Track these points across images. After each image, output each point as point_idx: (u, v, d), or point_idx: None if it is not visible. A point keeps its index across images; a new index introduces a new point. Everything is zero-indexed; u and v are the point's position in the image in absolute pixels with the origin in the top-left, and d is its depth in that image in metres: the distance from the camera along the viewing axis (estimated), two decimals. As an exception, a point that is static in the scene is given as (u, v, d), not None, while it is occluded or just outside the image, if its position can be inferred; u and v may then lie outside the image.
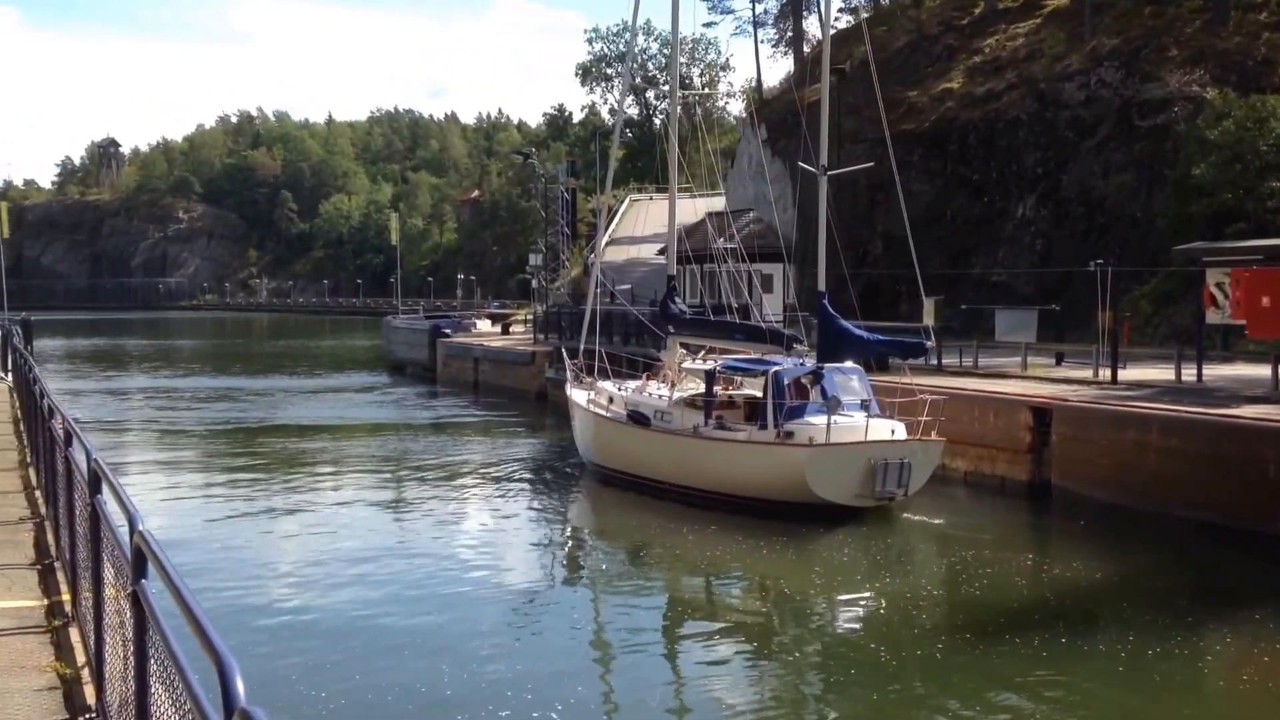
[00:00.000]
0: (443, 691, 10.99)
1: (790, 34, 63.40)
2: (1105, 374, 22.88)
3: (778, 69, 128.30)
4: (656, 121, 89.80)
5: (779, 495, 18.90)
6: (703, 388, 21.82)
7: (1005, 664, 12.00)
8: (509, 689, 10.93)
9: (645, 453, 21.56)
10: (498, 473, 24.65)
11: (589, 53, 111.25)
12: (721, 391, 21.69)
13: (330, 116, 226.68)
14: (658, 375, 24.49)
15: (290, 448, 29.31)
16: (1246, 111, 30.02)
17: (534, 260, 55.86)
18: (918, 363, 24.16)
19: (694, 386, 22.56)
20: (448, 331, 52.73)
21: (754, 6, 66.03)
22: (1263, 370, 21.70)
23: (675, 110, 27.47)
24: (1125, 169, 34.84)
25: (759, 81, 65.46)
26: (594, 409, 23.23)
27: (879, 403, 19.97)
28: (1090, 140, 36.32)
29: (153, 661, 4.07)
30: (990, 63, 42.96)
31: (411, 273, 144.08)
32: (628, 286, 43.07)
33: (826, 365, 20.35)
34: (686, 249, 30.79)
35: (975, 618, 13.87)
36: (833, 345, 21.09)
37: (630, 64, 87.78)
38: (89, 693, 6.23)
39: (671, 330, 24.68)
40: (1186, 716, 11.15)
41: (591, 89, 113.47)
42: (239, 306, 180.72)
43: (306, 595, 14.66)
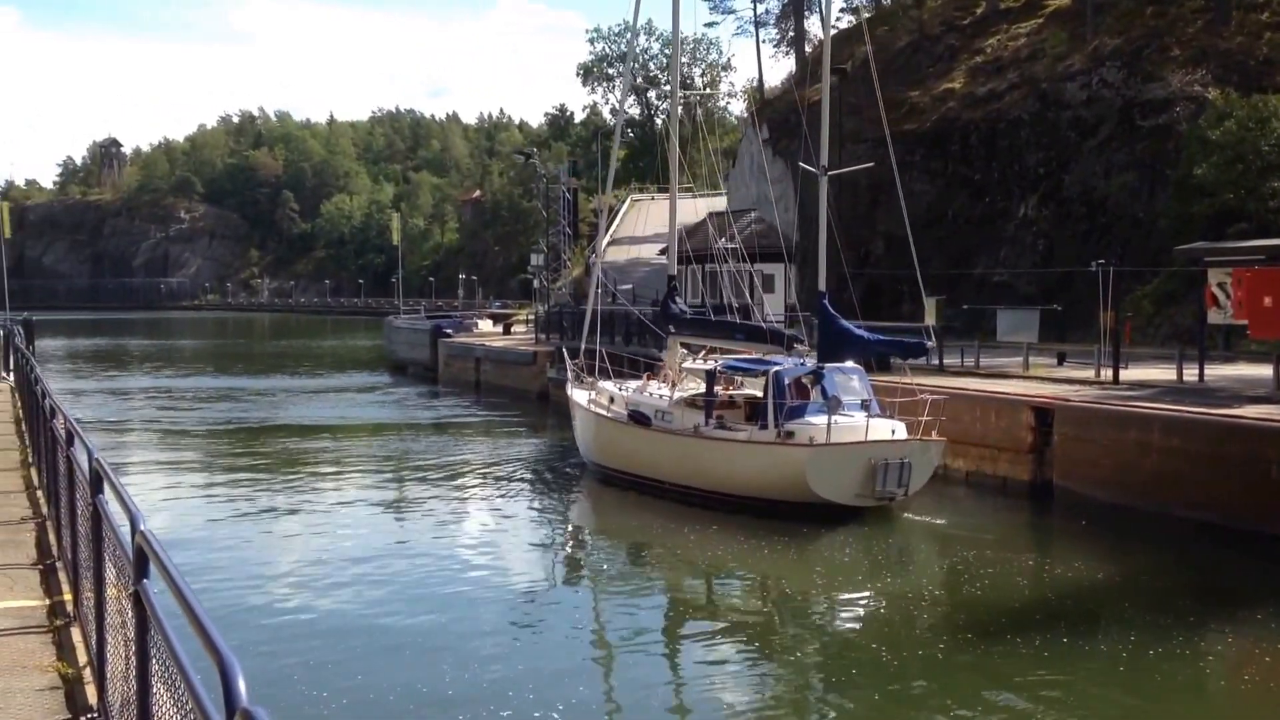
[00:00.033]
0: (444, 691, 11.00)
1: (792, 34, 63.42)
2: (1107, 374, 22.87)
3: (779, 69, 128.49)
4: (658, 121, 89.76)
5: (779, 495, 18.91)
6: (703, 388, 21.83)
7: (1007, 664, 12.00)
8: (510, 689, 10.94)
9: (646, 452, 21.57)
10: (499, 472, 24.65)
11: (590, 53, 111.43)
12: (722, 391, 21.70)
13: (332, 116, 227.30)
14: (658, 375, 24.50)
15: (292, 448, 29.33)
16: (1248, 111, 30.01)
17: (535, 260, 55.87)
18: (919, 363, 24.15)
19: (695, 386, 22.56)
20: (449, 331, 52.72)
21: (755, 6, 66.17)
22: (1264, 370, 21.69)
23: (676, 110, 27.48)
24: (1127, 169, 34.83)
25: (760, 81, 65.59)
26: (595, 409, 23.23)
27: (879, 403, 19.97)
28: (1092, 140, 36.31)
29: (154, 661, 4.07)
30: (992, 63, 42.94)
31: (413, 273, 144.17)
32: (629, 286, 43.11)
33: (827, 365, 20.35)
34: (687, 249, 30.77)
35: (977, 618, 13.87)
36: (833, 345, 21.09)
37: (631, 64, 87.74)
38: (91, 692, 6.24)
39: (672, 330, 24.69)
40: (1188, 717, 11.16)
41: (593, 89, 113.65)
42: (240, 306, 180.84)
43: (308, 595, 14.66)
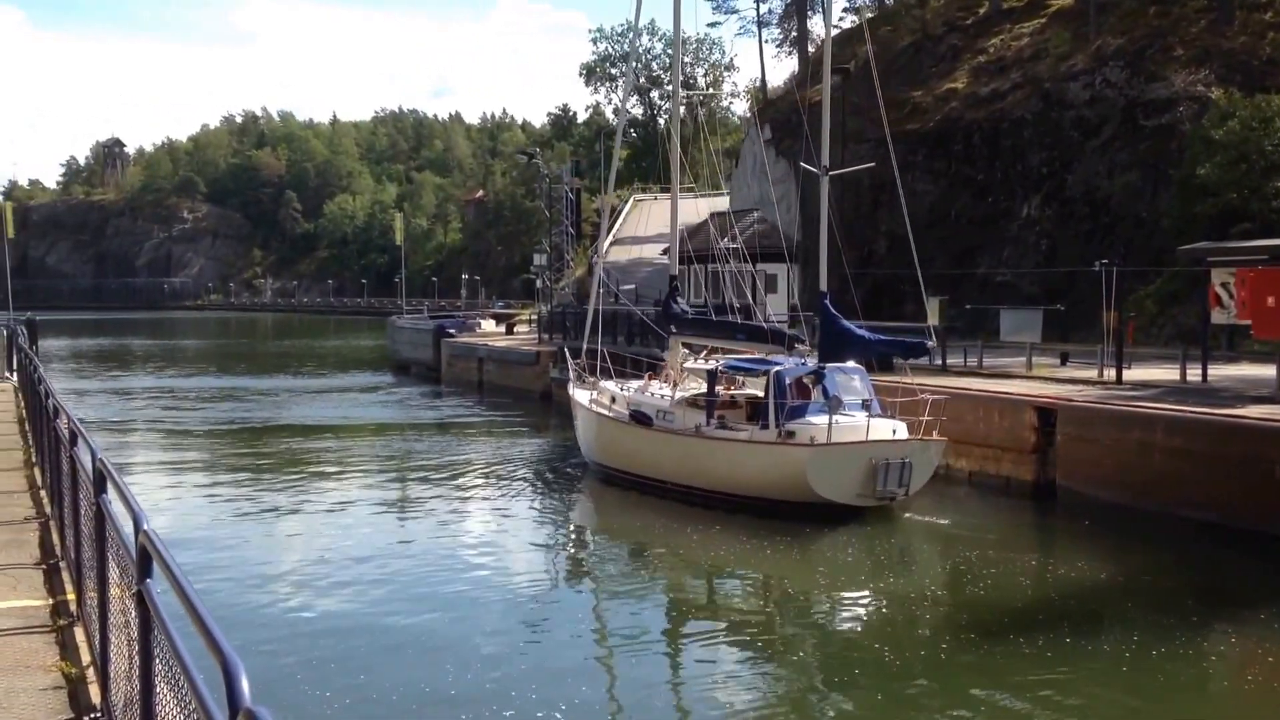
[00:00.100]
0: (447, 691, 11.01)
1: (794, 34, 63.38)
2: (1110, 374, 22.86)
3: (782, 69, 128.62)
4: (661, 121, 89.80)
5: (780, 495, 18.91)
6: (705, 387, 21.84)
7: (1009, 664, 11.99)
8: (513, 688, 10.95)
9: (647, 452, 21.58)
10: (501, 472, 24.65)
11: (593, 53, 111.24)
12: (723, 391, 21.72)
13: (335, 116, 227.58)
14: (660, 375, 24.51)
15: (295, 447, 29.34)
16: (1252, 111, 29.97)
17: (538, 260, 55.95)
18: (923, 363, 24.14)
19: (696, 386, 22.58)
20: (452, 331, 52.74)
21: (758, 6, 66.16)
22: (1268, 370, 21.65)
23: (678, 110, 27.50)
24: (1130, 169, 34.80)
25: (763, 81, 65.54)
26: (596, 409, 23.24)
27: (880, 402, 19.99)
28: (1095, 140, 36.28)
29: (158, 661, 4.07)
30: (995, 62, 42.91)
31: (416, 273, 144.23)
32: (632, 286, 43.09)
33: (828, 365, 20.37)
34: (689, 249, 30.78)
35: (979, 618, 13.86)
36: (834, 345, 21.10)
37: (633, 64, 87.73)
38: (94, 692, 6.25)
39: (674, 330, 24.69)
40: (1191, 717, 11.15)
41: (596, 89, 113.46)
42: (243, 306, 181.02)
43: (311, 594, 14.67)
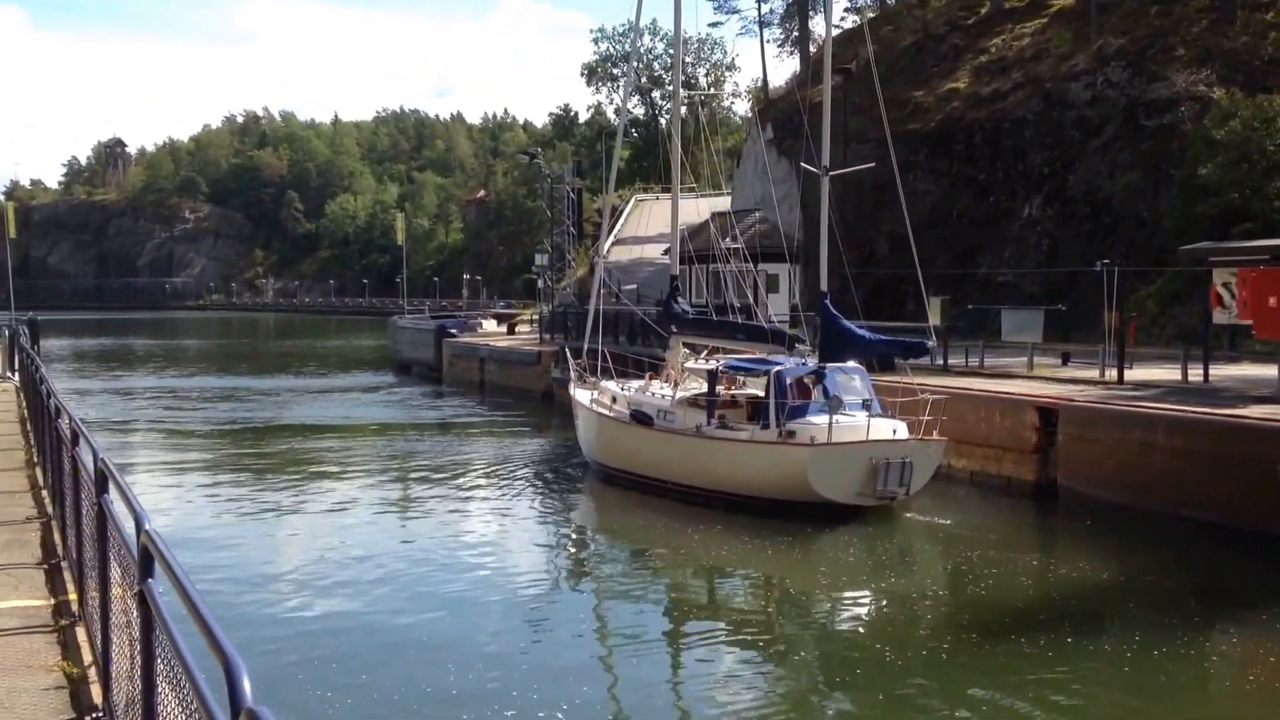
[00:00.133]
0: (448, 690, 11.02)
1: (796, 34, 63.38)
2: (1111, 374, 22.85)
3: (784, 69, 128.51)
4: (662, 121, 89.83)
5: (781, 494, 18.92)
6: (705, 387, 21.85)
7: (1010, 664, 11.99)
8: (514, 688, 10.95)
9: (648, 452, 21.58)
10: (502, 472, 24.66)
11: (595, 53, 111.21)
12: (724, 391, 21.73)
13: (336, 116, 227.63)
14: (661, 375, 24.52)
15: (296, 447, 29.36)
16: (1253, 111, 29.95)
17: (540, 260, 55.89)
18: (924, 363, 24.13)
19: (697, 386, 22.59)
20: (453, 331, 52.74)
21: (760, 6, 66.16)
22: (1269, 370, 21.64)
23: (678, 110, 27.51)
24: (1131, 169, 34.78)
25: (765, 81, 65.53)
26: (597, 409, 23.25)
27: (881, 402, 20.00)
28: (1096, 140, 36.26)
29: (159, 661, 4.08)
30: (996, 62, 42.89)
31: (417, 273, 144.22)
32: (634, 286, 43.09)
33: (828, 365, 20.38)
34: (689, 250, 30.77)
35: (980, 618, 13.86)
36: (834, 345, 21.12)
37: (634, 64, 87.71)
38: (95, 692, 6.25)
39: (674, 330, 24.71)
40: (1192, 717, 11.14)
41: (597, 89, 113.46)
42: (245, 306, 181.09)
43: (312, 594, 14.68)
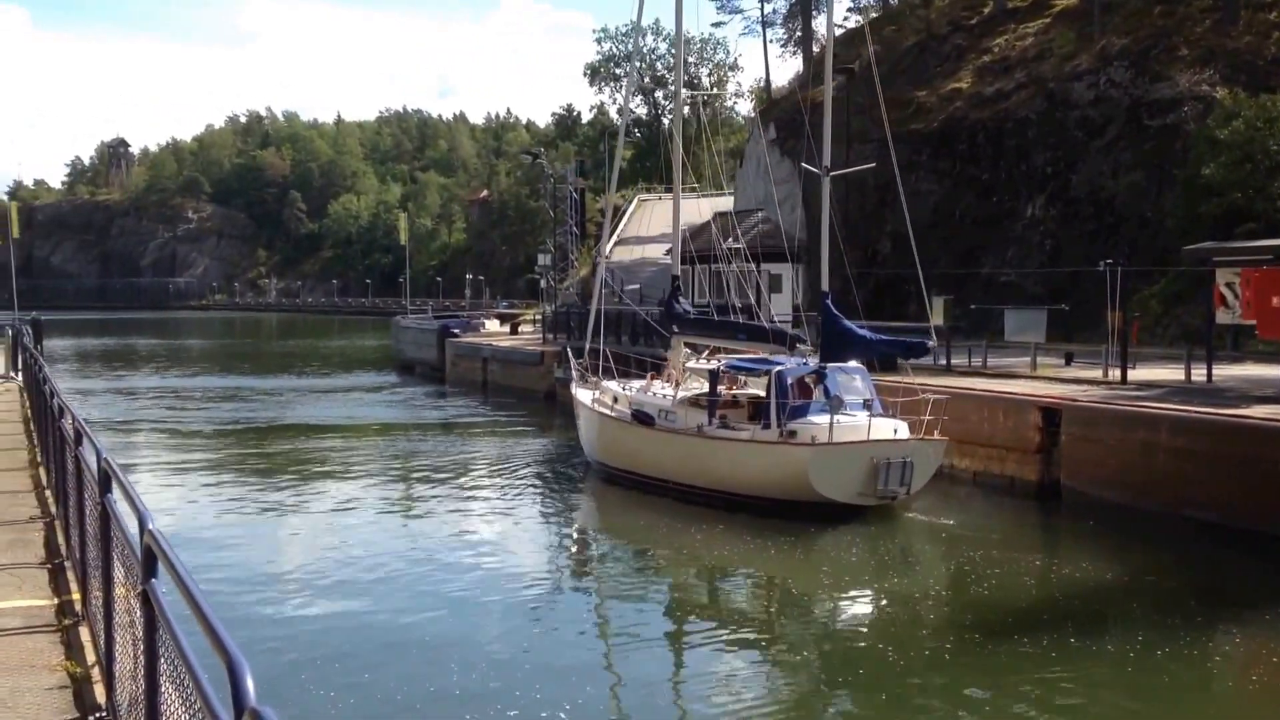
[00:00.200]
0: (451, 690, 11.03)
1: (799, 34, 63.39)
2: (1115, 374, 22.83)
3: (786, 69, 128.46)
4: (665, 121, 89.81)
5: (782, 494, 18.93)
6: (707, 387, 21.86)
7: (1012, 664, 11.98)
8: (516, 687, 10.96)
9: (649, 452, 21.58)
10: (505, 472, 24.67)
11: (598, 53, 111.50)
12: (725, 391, 21.73)
13: (339, 117, 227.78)
14: (662, 375, 24.53)
15: (299, 447, 29.38)
16: (1256, 111, 29.91)
17: (542, 260, 55.97)
18: (927, 363, 24.12)
19: (698, 386, 22.60)
20: (456, 331, 52.75)
21: (763, 6, 66.39)
22: (1273, 370, 21.65)
23: (680, 110, 27.50)
24: (1134, 169, 34.75)
25: (767, 81, 65.68)
26: (599, 408, 23.25)
27: (882, 402, 20.01)
28: (1099, 140, 36.23)
29: (163, 660, 4.09)
30: (999, 62, 42.86)
31: (420, 273, 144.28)
32: (636, 286, 43.12)
33: (829, 365, 20.39)
34: (691, 250, 30.78)
35: (983, 618, 13.85)
36: (835, 345, 21.13)
37: (636, 64, 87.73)
38: (99, 692, 6.26)
39: (676, 330, 24.71)
40: (1195, 717, 11.13)
41: (600, 89, 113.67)
42: (248, 306, 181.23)
43: (315, 594, 14.69)
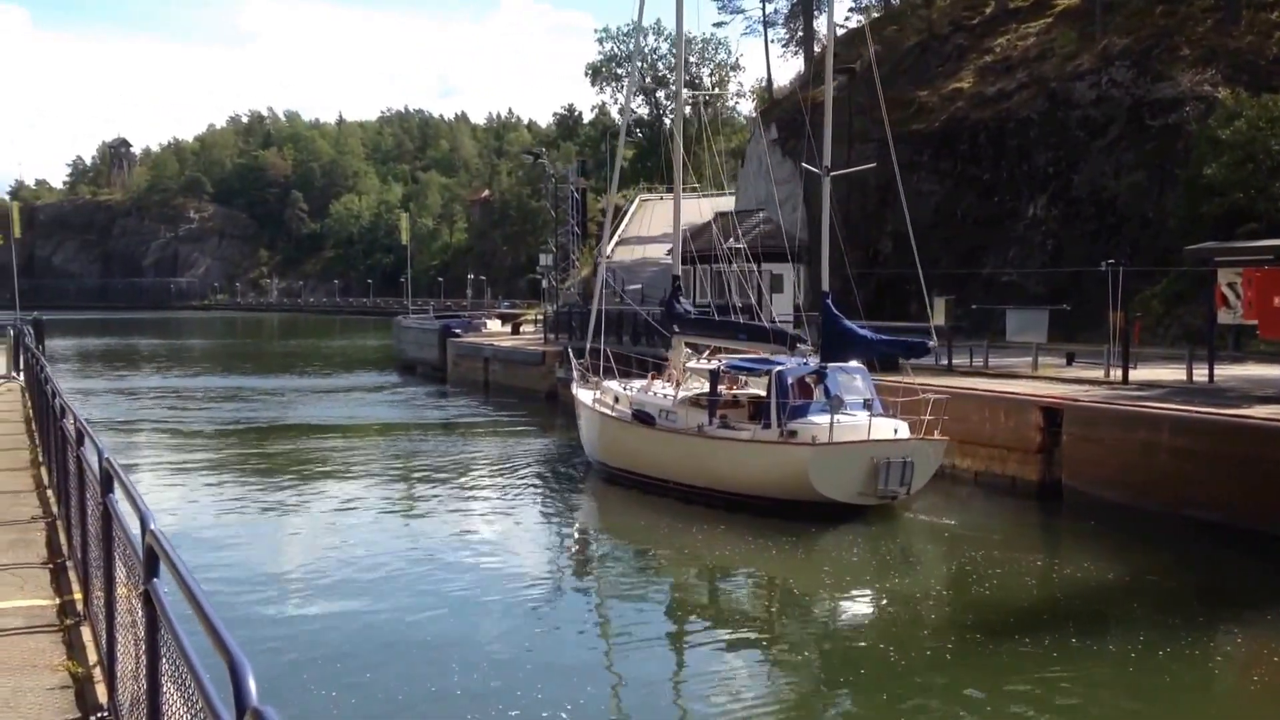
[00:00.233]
0: (452, 689, 11.03)
1: (801, 34, 63.37)
2: (1116, 374, 22.82)
3: (788, 69, 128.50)
4: (667, 121, 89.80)
5: (783, 494, 18.94)
6: (707, 387, 21.86)
7: (1013, 664, 11.98)
8: (518, 687, 10.96)
9: (650, 452, 21.59)
10: (506, 472, 24.69)
11: (599, 53, 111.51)
12: (726, 391, 21.74)
13: (341, 117, 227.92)
14: (663, 375, 24.53)
15: (301, 447, 29.40)
16: (1258, 111, 29.89)
17: (544, 260, 55.96)
18: (929, 363, 24.11)
19: (699, 386, 22.61)
20: (458, 331, 52.76)
21: (764, 6, 66.40)
22: (1274, 370, 21.65)
23: (681, 110, 27.50)
24: (1136, 169, 34.73)
25: (769, 81, 65.61)
26: (600, 408, 23.26)
27: (882, 402, 20.02)
28: (1101, 140, 36.21)
29: (164, 660, 4.09)
30: (1001, 62, 42.83)
31: (421, 272, 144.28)
32: (638, 286, 43.08)
33: (830, 365, 20.39)
34: (692, 250, 30.79)
35: (984, 618, 13.85)
36: (836, 345, 21.14)
37: (637, 64, 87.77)
38: (101, 691, 6.27)
39: (676, 330, 24.72)
40: (1197, 717, 11.13)
41: (601, 89, 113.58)
42: (250, 306, 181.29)
43: (316, 593, 14.70)
